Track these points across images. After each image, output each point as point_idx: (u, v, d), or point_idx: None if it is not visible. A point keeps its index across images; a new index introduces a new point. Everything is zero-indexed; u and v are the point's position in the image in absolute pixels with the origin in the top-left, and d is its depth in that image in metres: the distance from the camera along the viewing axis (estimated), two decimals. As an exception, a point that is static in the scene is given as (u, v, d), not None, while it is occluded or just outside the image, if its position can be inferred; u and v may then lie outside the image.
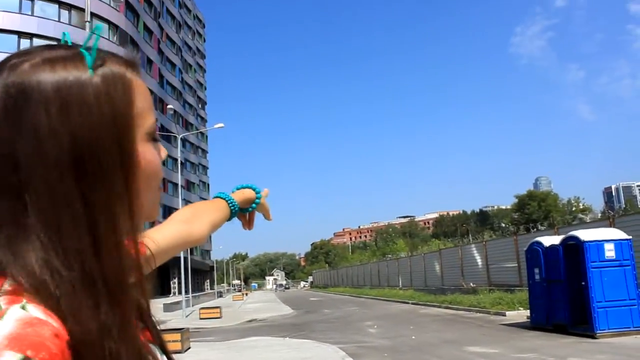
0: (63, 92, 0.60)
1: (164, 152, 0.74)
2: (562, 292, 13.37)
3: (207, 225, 1.16)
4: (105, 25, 41.83)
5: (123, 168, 0.63)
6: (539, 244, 14.56)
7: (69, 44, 0.68)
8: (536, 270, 14.60)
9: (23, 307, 0.55)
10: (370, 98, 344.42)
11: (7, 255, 0.59)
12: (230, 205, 1.22)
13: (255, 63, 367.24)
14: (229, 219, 1.24)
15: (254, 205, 1.29)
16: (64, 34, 0.71)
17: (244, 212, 1.28)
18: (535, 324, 14.51)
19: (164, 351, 0.76)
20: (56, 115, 0.59)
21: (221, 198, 1.23)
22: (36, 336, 0.53)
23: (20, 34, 37.83)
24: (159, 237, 1.01)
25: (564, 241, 13.57)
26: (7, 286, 0.57)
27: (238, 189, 1.29)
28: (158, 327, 0.77)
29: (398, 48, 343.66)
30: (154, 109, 0.72)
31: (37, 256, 0.59)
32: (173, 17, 68.88)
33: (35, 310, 0.56)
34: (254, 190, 1.29)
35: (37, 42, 38.08)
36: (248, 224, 1.32)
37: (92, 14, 34.90)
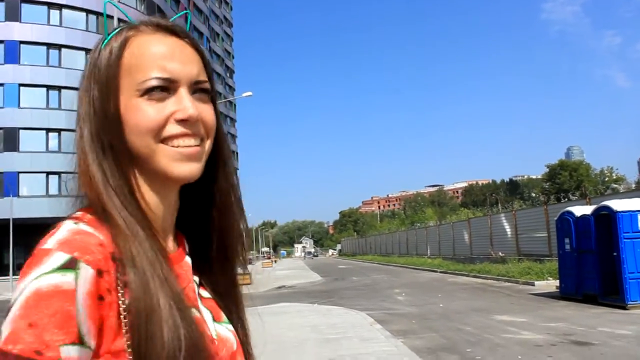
0: (87, 64, 0.82)
1: (182, 106, 0.78)
2: (593, 263, 13.22)
3: None
4: (134, -6, 41.84)
5: (106, 117, 0.78)
6: (570, 213, 14.35)
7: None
8: (567, 240, 14.43)
9: (76, 223, 0.70)
10: (399, 66, 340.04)
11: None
12: None
13: (283, 28, 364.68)
14: None
15: None
16: (186, 13, 0.97)
17: None
18: (565, 294, 14.41)
19: (236, 326, 0.93)
20: (82, 81, 0.82)
21: None
22: (83, 242, 0.67)
23: (50, 5, 38.10)
24: None
25: (595, 211, 13.35)
26: (78, 212, 0.74)
27: None
28: (233, 304, 0.96)
29: (425, 15, 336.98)
30: (169, 64, 0.79)
31: (94, 189, 0.76)
32: (200, -15, 68.50)
33: (85, 226, 0.70)
34: None
35: (66, 12, 38.35)
36: None
37: (121, -17, 34.91)
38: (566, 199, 24.16)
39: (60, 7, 38.36)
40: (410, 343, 9.12)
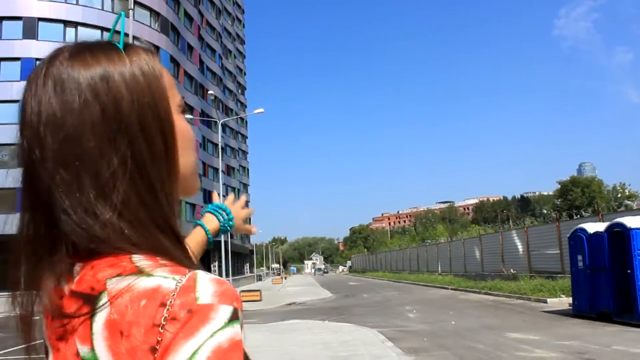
0: (109, 80, 0.69)
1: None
2: (606, 280, 13.08)
3: None
4: (147, 13, 42.39)
5: (163, 132, 0.71)
6: (583, 230, 14.24)
7: (122, 25, 0.80)
8: (579, 257, 14.30)
9: (205, 272, 0.65)
10: (410, 81, 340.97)
11: (110, 232, 0.66)
12: (208, 238, 1.32)
13: (294, 45, 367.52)
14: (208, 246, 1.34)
15: (226, 228, 1.38)
16: (121, 14, 0.81)
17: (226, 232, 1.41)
18: (578, 312, 14.24)
19: None
20: (108, 99, 0.68)
21: (202, 228, 1.32)
22: (232, 291, 0.64)
23: (66, 23, 38.70)
24: None
25: (609, 228, 13.24)
26: (141, 260, 0.66)
27: (214, 209, 1.38)
28: None
29: (434, 29, 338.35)
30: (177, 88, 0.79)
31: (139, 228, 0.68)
32: (213, 4, 69.32)
33: (211, 274, 0.65)
34: (223, 213, 1.38)
35: (81, 30, 38.92)
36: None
37: (135, 2, 35.48)
38: (578, 216, 23.95)
39: (75, 24, 38.94)
40: (422, 361, 9.04)
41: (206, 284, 0.63)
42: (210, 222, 1.35)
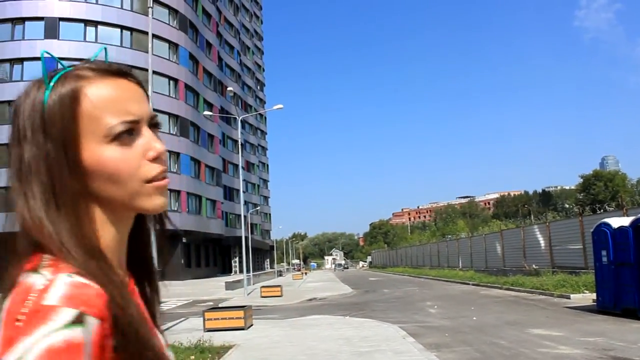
0: (24, 115, 0.80)
1: (152, 145, 0.81)
2: (631, 276, 12.86)
3: None
4: (166, 10, 42.64)
5: (67, 172, 0.77)
6: (607, 225, 14.02)
7: (105, 59, 0.88)
8: (603, 253, 14.08)
9: (69, 275, 0.70)
10: (430, 76, 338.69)
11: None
12: None
13: (313, 40, 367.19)
14: None
15: None
16: (103, 48, 0.92)
17: None
18: (602, 308, 14.04)
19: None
20: (21, 134, 0.79)
21: None
22: (85, 295, 0.68)
23: (87, 22, 39.12)
24: None
25: (634, 222, 13.01)
26: (46, 260, 0.73)
27: None
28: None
29: (454, 24, 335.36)
30: (130, 107, 0.81)
31: (57, 235, 0.74)
32: (231, 1, 69.55)
33: (79, 278, 0.70)
34: None
35: (101, 29, 39.33)
36: None
37: (154, 0, 35.66)
38: (602, 210, 23.60)
39: (96, 24, 39.39)
40: (444, 357, 8.99)
41: (60, 287, 0.68)
42: None
